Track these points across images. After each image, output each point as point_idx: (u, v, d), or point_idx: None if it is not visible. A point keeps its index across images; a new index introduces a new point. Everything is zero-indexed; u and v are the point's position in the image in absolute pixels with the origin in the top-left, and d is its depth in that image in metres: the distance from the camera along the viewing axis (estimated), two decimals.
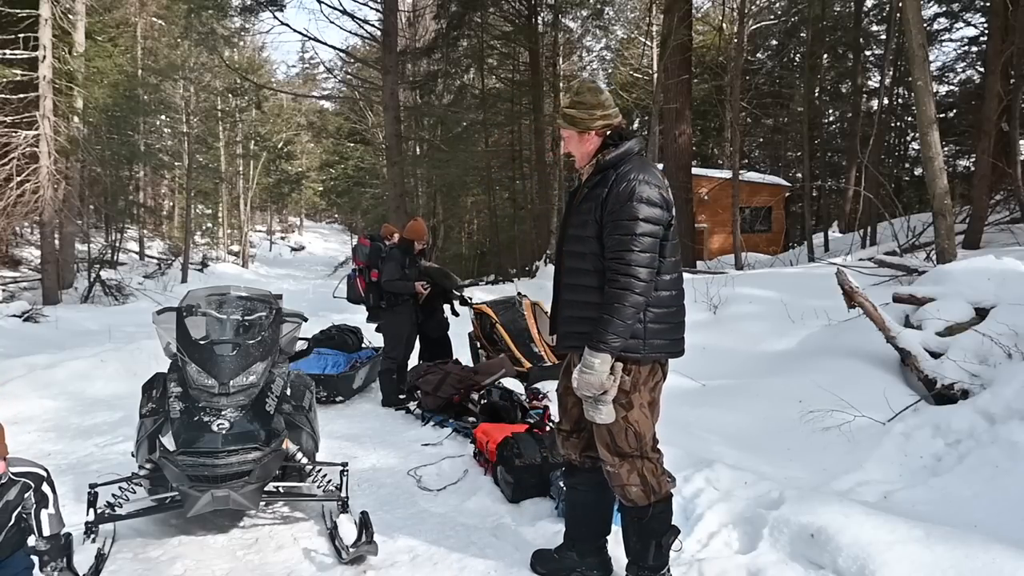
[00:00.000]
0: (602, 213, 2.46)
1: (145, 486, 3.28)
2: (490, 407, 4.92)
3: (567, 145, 2.68)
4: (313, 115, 38.35)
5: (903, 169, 22.18)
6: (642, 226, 2.39)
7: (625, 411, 2.52)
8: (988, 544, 2.59)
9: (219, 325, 3.31)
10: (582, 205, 2.57)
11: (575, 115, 2.59)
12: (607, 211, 2.45)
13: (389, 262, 6.03)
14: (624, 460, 2.56)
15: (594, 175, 2.58)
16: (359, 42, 25.07)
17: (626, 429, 2.53)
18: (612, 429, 2.53)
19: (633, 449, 2.55)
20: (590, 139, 2.60)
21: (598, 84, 2.76)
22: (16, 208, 14.37)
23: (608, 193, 2.46)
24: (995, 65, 10.62)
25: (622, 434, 2.54)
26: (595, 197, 2.51)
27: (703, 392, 5.24)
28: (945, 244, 6.94)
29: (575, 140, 2.63)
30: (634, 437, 2.54)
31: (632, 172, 2.46)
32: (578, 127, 2.59)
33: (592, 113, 2.58)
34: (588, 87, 2.66)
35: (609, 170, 2.52)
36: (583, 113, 2.58)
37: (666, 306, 2.52)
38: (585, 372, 2.42)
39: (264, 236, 40.81)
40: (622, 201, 2.41)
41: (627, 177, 2.44)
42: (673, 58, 13.28)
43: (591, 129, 2.58)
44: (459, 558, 3.04)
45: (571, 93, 2.71)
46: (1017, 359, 4.08)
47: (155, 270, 22.68)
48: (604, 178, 2.52)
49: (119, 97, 18.20)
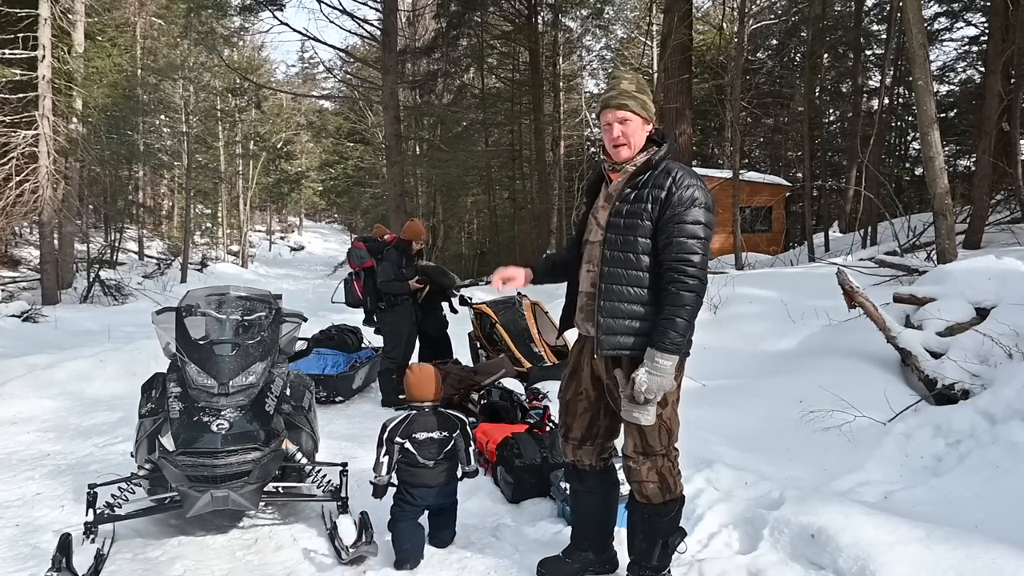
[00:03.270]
0: (660, 213, 2.42)
1: (144, 486, 3.27)
2: (490, 407, 4.92)
3: (625, 132, 2.51)
4: (313, 115, 38.30)
5: (904, 169, 22.17)
6: (706, 231, 2.41)
7: (661, 409, 2.49)
8: (989, 544, 2.58)
9: (218, 325, 3.31)
10: (631, 204, 2.48)
11: (646, 101, 2.51)
12: (668, 214, 2.40)
13: (384, 263, 6.05)
14: (648, 458, 2.54)
15: (639, 172, 2.51)
16: (359, 42, 25.09)
17: (659, 427, 2.52)
18: (645, 428, 2.50)
19: (663, 447, 2.54)
20: (646, 130, 2.55)
21: None
22: (15, 208, 14.35)
23: (668, 195, 2.42)
24: (996, 65, 10.61)
25: (655, 432, 2.51)
26: (648, 197, 2.45)
27: (703, 392, 5.23)
28: (946, 244, 6.93)
29: (639, 128, 2.52)
30: (667, 435, 2.54)
31: (689, 177, 2.44)
32: (647, 113, 2.52)
33: (649, 103, 2.53)
34: (638, 76, 2.57)
35: (658, 170, 2.47)
36: (648, 100, 2.52)
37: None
38: (655, 375, 2.37)
39: (264, 236, 40.80)
40: (686, 205, 2.40)
41: (686, 181, 2.42)
42: (673, 58, 13.26)
43: (651, 119, 2.54)
44: (459, 558, 3.03)
45: (627, 80, 2.54)
46: (1018, 359, 4.08)
47: (154, 270, 22.67)
48: (653, 178, 2.47)
49: (118, 97, 18.17)
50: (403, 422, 3.10)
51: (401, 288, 6.04)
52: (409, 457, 3.06)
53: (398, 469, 3.09)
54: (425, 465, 3.06)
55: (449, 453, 3.11)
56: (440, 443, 3.09)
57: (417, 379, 3.20)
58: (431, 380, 3.20)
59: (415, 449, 3.05)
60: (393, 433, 3.08)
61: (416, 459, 3.05)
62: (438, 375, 3.26)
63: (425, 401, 3.16)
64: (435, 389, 3.19)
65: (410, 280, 6.08)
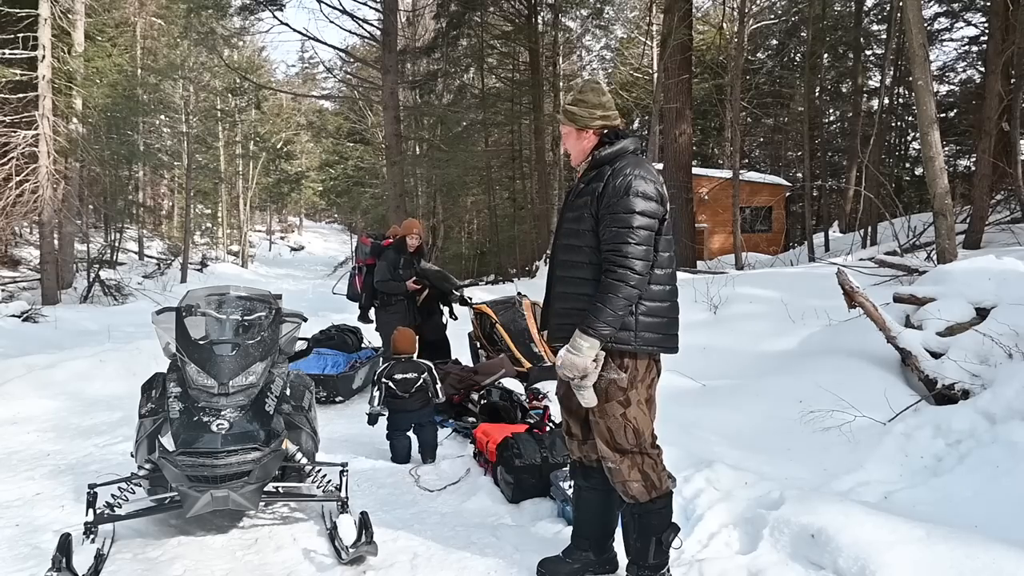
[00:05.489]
0: (598, 207, 2.51)
1: (144, 486, 3.27)
2: (490, 407, 4.92)
3: (565, 142, 2.74)
4: (313, 115, 38.32)
5: (904, 169, 22.17)
6: (638, 219, 2.44)
7: (623, 408, 2.55)
8: (989, 544, 2.58)
9: (218, 325, 3.30)
10: (577, 199, 2.62)
11: (576, 112, 2.65)
12: (603, 204, 2.49)
13: (381, 262, 6.06)
14: (624, 456, 2.59)
15: (589, 171, 2.64)
16: (359, 42, 25.05)
17: (624, 426, 2.57)
18: (611, 426, 2.57)
19: (632, 445, 2.58)
20: (588, 137, 2.66)
21: (601, 85, 2.81)
22: (15, 208, 14.37)
23: (604, 187, 2.51)
24: (995, 65, 10.61)
25: (621, 431, 2.57)
26: (590, 192, 2.56)
27: (703, 392, 5.23)
28: (946, 244, 6.93)
29: (573, 137, 2.69)
30: (633, 434, 2.57)
31: (628, 167, 2.51)
32: (577, 124, 2.65)
33: (592, 112, 2.64)
34: (592, 87, 2.72)
35: (604, 166, 2.58)
36: (584, 111, 2.64)
37: (659, 300, 2.55)
38: (571, 353, 2.47)
39: (264, 236, 40.82)
40: (619, 195, 2.47)
41: (623, 172, 2.50)
42: (673, 58, 13.27)
43: (589, 127, 2.65)
44: (459, 558, 3.03)
45: (574, 91, 2.78)
46: (1018, 359, 4.08)
47: (154, 270, 22.69)
48: (599, 173, 2.58)
49: (118, 97, 18.18)
50: (388, 367, 4.44)
51: (397, 288, 6.04)
52: (391, 391, 4.37)
53: (387, 401, 4.36)
54: (403, 396, 4.37)
55: (420, 387, 4.42)
56: (412, 381, 4.40)
57: (398, 338, 4.67)
58: (407, 340, 4.67)
59: (395, 386, 4.37)
60: (381, 375, 4.39)
61: (396, 392, 4.37)
62: (414, 336, 4.80)
63: (403, 354, 4.55)
64: (410, 346, 4.64)
65: (407, 281, 6.07)
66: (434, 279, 6.34)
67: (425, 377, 4.43)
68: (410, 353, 4.60)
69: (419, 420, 4.40)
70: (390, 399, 4.36)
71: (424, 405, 4.41)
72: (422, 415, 4.41)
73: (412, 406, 4.37)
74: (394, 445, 4.38)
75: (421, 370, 4.43)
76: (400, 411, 4.37)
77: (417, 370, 4.42)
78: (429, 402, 4.44)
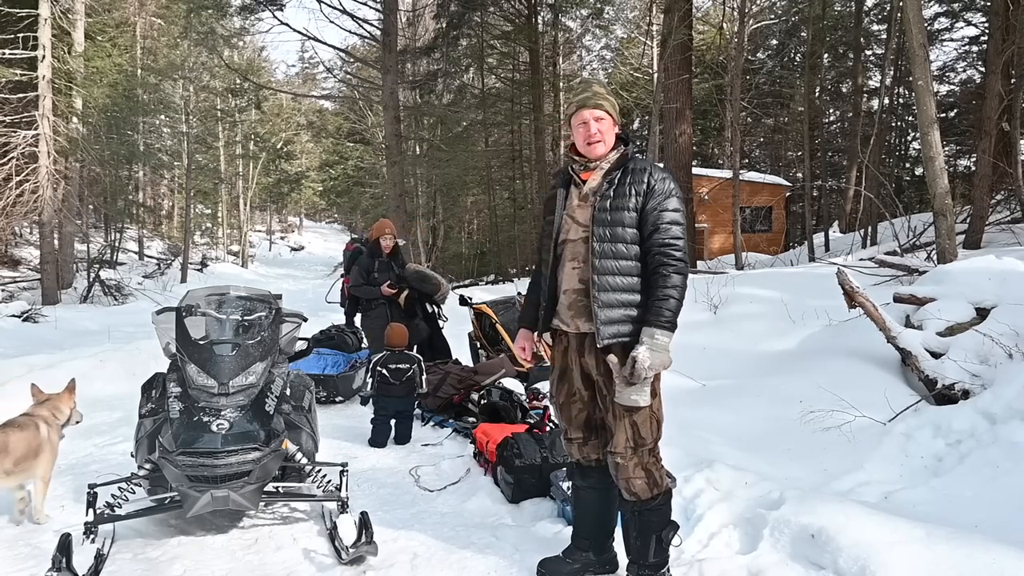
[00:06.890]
0: (643, 204, 2.57)
1: (144, 486, 3.26)
2: (490, 407, 4.92)
3: (601, 130, 2.66)
4: (313, 115, 38.32)
5: (904, 169, 22.19)
6: (683, 218, 2.62)
7: (652, 398, 2.58)
8: (989, 544, 2.58)
9: (218, 325, 3.30)
10: (614, 198, 2.60)
11: (615, 103, 2.72)
12: (651, 203, 2.57)
13: (355, 267, 6.04)
14: (636, 452, 2.59)
15: (614, 168, 2.66)
16: (359, 42, 25.06)
17: (650, 418, 2.60)
18: (637, 419, 2.58)
19: (654, 438, 2.61)
20: (615, 130, 2.72)
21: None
22: (15, 208, 14.36)
23: (649, 187, 2.59)
24: (996, 65, 10.61)
25: (647, 424, 2.59)
26: (630, 191, 2.59)
27: (703, 392, 5.23)
28: (946, 244, 6.94)
29: (611, 127, 2.70)
30: (656, 425, 2.62)
31: (664, 170, 2.66)
32: (615, 114, 2.71)
33: (616, 106, 2.73)
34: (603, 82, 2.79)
35: (634, 167, 2.64)
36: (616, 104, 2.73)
37: None
38: (655, 351, 2.47)
39: (264, 236, 40.82)
40: (666, 195, 2.59)
41: (663, 176, 2.63)
42: (673, 58, 13.27)
43: (618, 121, 2.73)
44: (459, 558, 3.03)
45: (595, 84, 2.81)
46: (1018, 359, 4.08)
47: (154, 270, 22.68)
48: (630, 172, 2.62)
49: (118, 97, 18.17)
50: (383, 357, 4.97)
51: (371, 293, 5.96)
52: (384, 379, 4.90)
53: (378, 386, 4.89)
54: (394, 384, 4.89)
55: (409, 377, 4.95)
56: (403, 371, 4.94)
57: (391, 333, 5.16)
58: (400, 334, 5.15)
59: (388, 374, 4.91)
60: (376, 364, 4.94)
61: (388, 379, 4.89)
62: (405, 331, 5.22)
63: (395, 347, 5.04)
64: (401, 340, 5.11)
65: (382, 285, 5.94)
66: (413, 280, 6.21)
67: (414, 368, 5.00)
68: (403, 346, 5.10)
69: (400, 408, 4.88)
70: (382, 385, 4.89)
71: (408, 393, 4.97)
72: (405, 403, 4.93)
73: (399, 392, 4.90)
74: (376, 429, 4.81)
75: (412, 362, 5.02)
76: (388, 396, 4.88)
77: (409, 361, 5.01)
78: (413, 391, 5.00)
